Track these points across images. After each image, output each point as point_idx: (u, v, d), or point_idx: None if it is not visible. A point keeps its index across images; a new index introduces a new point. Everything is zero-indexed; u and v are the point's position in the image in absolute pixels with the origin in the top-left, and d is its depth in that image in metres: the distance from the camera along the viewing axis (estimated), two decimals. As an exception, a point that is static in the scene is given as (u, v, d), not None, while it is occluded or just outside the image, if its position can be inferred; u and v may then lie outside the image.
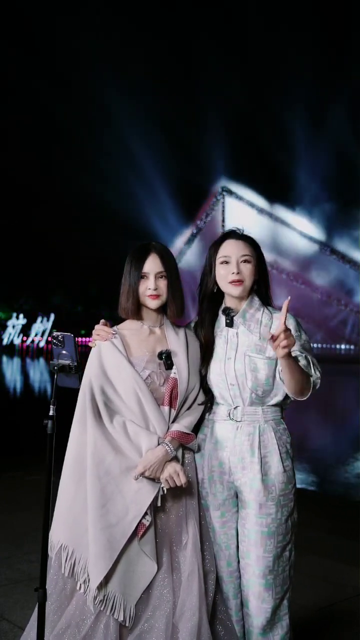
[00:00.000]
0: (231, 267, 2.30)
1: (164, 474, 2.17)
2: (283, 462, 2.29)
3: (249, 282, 2.31)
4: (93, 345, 2.31)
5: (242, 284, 2.30)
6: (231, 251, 2.31)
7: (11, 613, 3.31)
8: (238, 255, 2.30)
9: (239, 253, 2.31)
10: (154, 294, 2.30)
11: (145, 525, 2.14)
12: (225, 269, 2.31)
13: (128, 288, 2.30)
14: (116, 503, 2.13)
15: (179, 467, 2.19)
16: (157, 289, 2.29)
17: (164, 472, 2.17)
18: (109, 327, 2.33)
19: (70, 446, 2.24)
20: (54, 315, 68.75)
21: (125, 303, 2.32)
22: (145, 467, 2.14)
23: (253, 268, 2.32)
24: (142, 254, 2.31)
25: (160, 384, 2.28)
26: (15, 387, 20.87)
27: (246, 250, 2.31)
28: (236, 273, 2.29)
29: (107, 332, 2.31)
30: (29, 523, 4.78)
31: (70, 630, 2.08)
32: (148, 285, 2.29)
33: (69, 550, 2.15)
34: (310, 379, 2.22)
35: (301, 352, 2.22)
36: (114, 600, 2.08)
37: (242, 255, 2.30)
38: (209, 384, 2.36)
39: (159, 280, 2.30)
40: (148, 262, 2.30)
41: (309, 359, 2.23)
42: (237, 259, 2.30)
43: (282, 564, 2.29)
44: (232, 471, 2.31)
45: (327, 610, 3.49)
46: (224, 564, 2.32)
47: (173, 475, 2.17)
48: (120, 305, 2.35)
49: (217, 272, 2.34)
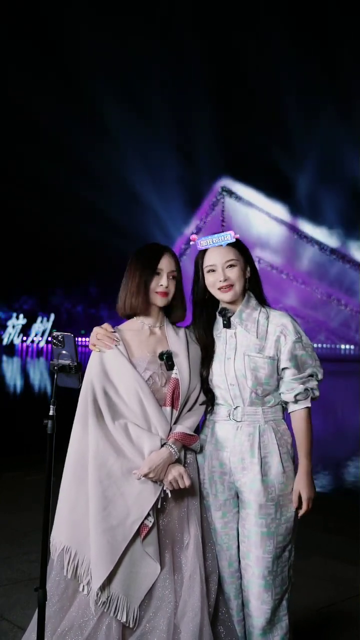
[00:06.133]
0: (217, 275, 2.32)
1: (168, 477, 2.16)
2: (283, 462, 2.29)
3: (239, 286, 2.33)
4: (96, 350, 2.30)
5: (232, 288, 2.32)
6: (215, 259, 2.33)
7: (11, 613, 3.30)
8: (222, 261, 2.32)
9: (223, 259, 2.32)
10: (165, 291, 2.31)
11: (148, 526, 2.14)
12: (213, 277, 2.34)
13: (138, 283, 2.30)
14: (117, 506, 2.12)
15: (182, 470, 2.18)
16: (168, 287, 2.31)
17: (168, 474, 2.17)
18: (112, 333, 2.32)
19: (72, 448, 2.24)
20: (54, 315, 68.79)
21: (132, 299, 2.31)
22: (150, 468, 2.13)
23: (240, 271, 2.33)
24: (157, 252, 2.33)
25: (161, 385, 2.28)
26: (15, 387, 20.87)
27: (230, 255, 2.32)
28: (223, 280, 2.31)
29: (110, 339, 2.30)
30: (29, 523, 4.78)
31: (72, 632, 2.08)
32: (161, 282, 2.30)
33: (72, 552, 2.15)
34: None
35: (300, 393, 2.31)
36: (118, 601, 2.08)
37: (226, 261, 2.32)
38: (210, 385, 2.36)
39: (170, 280, 2.32)
40: (164, 260, 2.31)
41: (308, 387, 2.31)
42: (222, 265, 2.32)
43: (282, 565, 2.29)
44: (233, 472, 2.31)
45: (327, 610, 3.49)
46: (226, 565, 2.32)
47: (177, 477, 2.17)
48: (123, 302, 2.34)
49: (206, 280, 2.36)
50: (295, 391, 2.30)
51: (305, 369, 2.32)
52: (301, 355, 2.32)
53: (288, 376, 2.31)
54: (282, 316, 2.35)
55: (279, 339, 2.31)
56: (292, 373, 2.31)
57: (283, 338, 2.31)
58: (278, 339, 2.31)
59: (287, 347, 2.30)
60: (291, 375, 2.31)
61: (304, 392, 2.30)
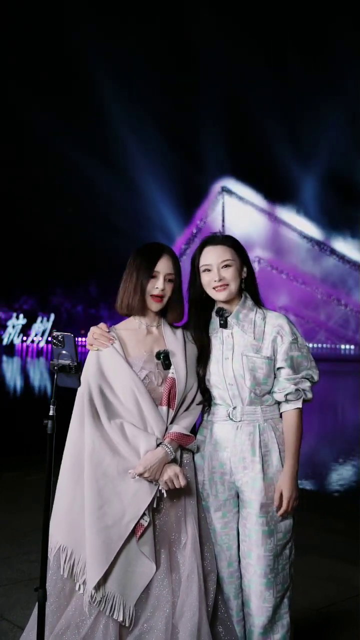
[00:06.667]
0: (213, 275, 2.33)
1: (164, 477, 2.16)
2: (282, 460, 2.30)
3: (234, 285, 2.33)
4: (94, 349, 2.30)
5: (227, 287, 2.32)
6: (210, 258, 2.34)
7: (11, 613, 3.31)
8: (218, 261, 2.33)
9: (219, 259, 2.33)
10: (160, 295, 2.30)
11: (144, 525, 2.14)
12: (209, 276, 2.34)
13: (135, 284, 2.30)
14: (113, 505, 2.12)
15: (178, 470, 2.18)
16: (164, 290, 2.30)
17: (164, 474, 2.16)
18: (107, 332, 2.32)
19: (68, 447, 2.24)
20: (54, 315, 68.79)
21: (129, 299, 2.32)
22: (145, 468, 2.13)
23: (235, 271, 2.33)
24: (155, 253, 2.32)
25: (158, 384, 2.28)
26: (15, 387, 20.87)
27: (226, 255, 2.33)
28: (218, 280, 2.31)
29: (107, 338, 2.30)
30: (29, 523, 4.78)
31: (69, 631, 2.08)
32: (156, 285, 2.29)
33: (68, 551, 2.15)
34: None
35: (291, 393, 2.31)
36: (113, 600, 2.08)
37: (222, 261, 2.33)
38: (208, 385, 2.37)
39: (166, 282, 2.31)
40: (161, 262, 2.30)
41: (299, 388, 2.31)
42: (218, 265, 2.33)
43: (283, 562, 2.29)
44: (233, 471, 2.32)
45: (327, 610, 3.49)
46: (225, 565, 2.32)
47: (173, 477, 2.17)
48: (121, 301, 2.34)
49: (202, 280, 2.37)
50: (287, 391, 2.31)
51: (301, 370, 2.33)
52: (297, 357, 2.33)
53: (282, 376, 2.32)
54: (278, 317, 2.36)
55: (275, 340, 2.32)
56: (286, 373, 2.32)
57: (280, 339, 2.31)
58: (275, 339, 2.32)
59: (283, 347, 2.31)
60: (285, 375, 2.32)
61: (295, 393, 2.31)
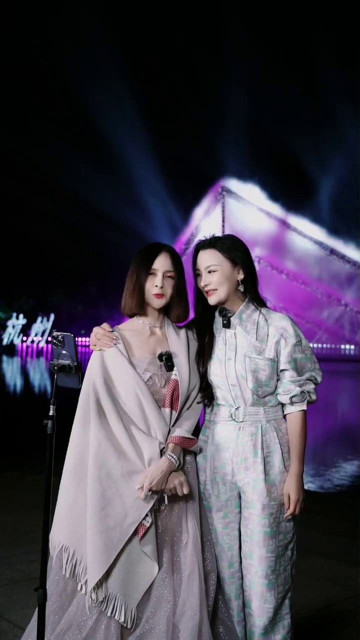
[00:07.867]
0: (201, 279, 2.36)
1: (169, 485, 2.17)
2: (284, 461, 2.30)
3: (222, 290, 2.33)
4: (97, 349, 2.30)
5: (216, 292, 2.34)
6: (200, 263, 2.37)
7: (11, 613, 3.30)
8: (204, 266, 2.35)
9: (205, 265, 2.35)
10: (159, 293, 2.30)
11: (146, 526, 2.14)
12: (200, 280, 2.38)
13: (134, 284, 2.30)
14: (115, 507, 2.12)
15: (183, 478, 2.19)
16: (163, 288, 2.30)
17: (169, 483, 2.17)
18: (110, 333, 2.32)
19: (72, 447, 2.24)
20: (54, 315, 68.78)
21: (130, 300, 2.32)
22: (151, 484, 2.13)
23: (221, 276, 2.33)
24: (153, 252, 2.32)
25: (161, 386, 2.28)
26: (15, 387, 20.87)
27: (211, 260, 2.34)
28: (204, 285, 2.34)
29: (110, 338, 2.30)
30: (29, 523, 4.79)
31: (71, 631, 2.08)
32: (155, 282, 2.29)
33: (70, 551, 2.15)
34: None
35: (296, 395, 2.31)
36: (115, 601, 2.07)
37: (206, 267, 2.35)
38: (210, 384, 2.36)
39: (166, 279, 2.31)
40: (158, 260, 2.31)
41: (304, 390, 2.31)
42: (205, 270, 2.35)
43: (284, 563, 2.29)
44: (235, 472, 2.31)
45: (326, 610, 3.49)
46: (226, 565, 2.32)
47: (177, 486, 2.18)
48: (124, 302, 2.35)
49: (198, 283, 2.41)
50: (292, 393, 2.30)
51: (304, 372, 2.33)
52: (300, 359, 2.32)
53: (286, 378, 2.32)
54: (282, 319, 2.35)
55: (279, 342, 2.31)
56: (290, 375, 2.31)
57: (283, 341, 2.31)
58: (278, 341, 2.31)
59: (286, 349, 2.31)
60: (289, 377, 2.31)
61: (300, 395, 2.31)
